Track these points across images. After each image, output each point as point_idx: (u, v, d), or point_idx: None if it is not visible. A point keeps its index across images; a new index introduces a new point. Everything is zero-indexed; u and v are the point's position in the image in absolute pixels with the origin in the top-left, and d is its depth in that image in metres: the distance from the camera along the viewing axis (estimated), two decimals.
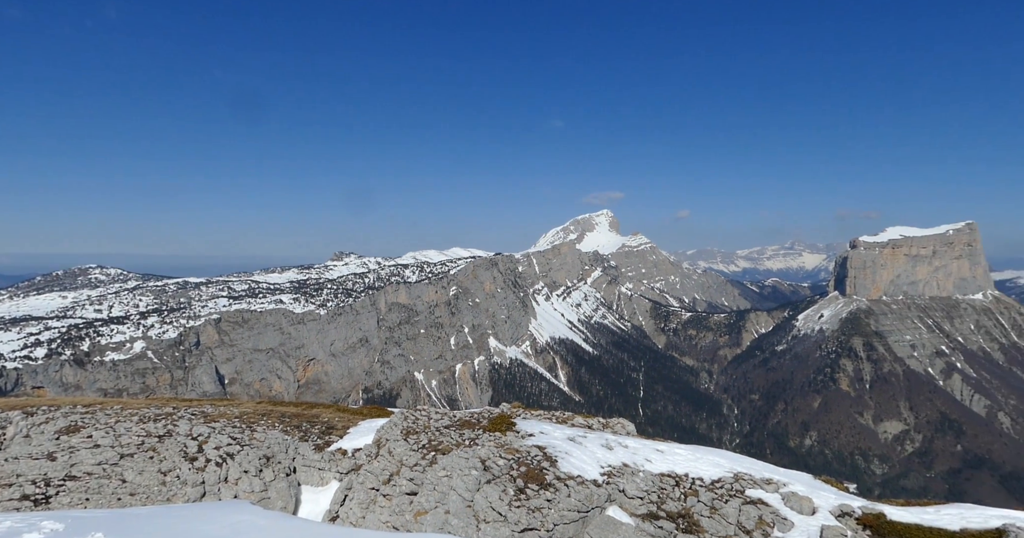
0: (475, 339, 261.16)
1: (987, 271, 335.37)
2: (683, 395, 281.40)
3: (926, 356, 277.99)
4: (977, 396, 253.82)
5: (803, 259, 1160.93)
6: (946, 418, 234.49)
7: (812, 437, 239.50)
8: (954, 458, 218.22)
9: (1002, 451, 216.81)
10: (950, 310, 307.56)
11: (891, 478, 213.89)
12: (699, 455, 19.34)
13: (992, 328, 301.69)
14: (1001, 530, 13.57)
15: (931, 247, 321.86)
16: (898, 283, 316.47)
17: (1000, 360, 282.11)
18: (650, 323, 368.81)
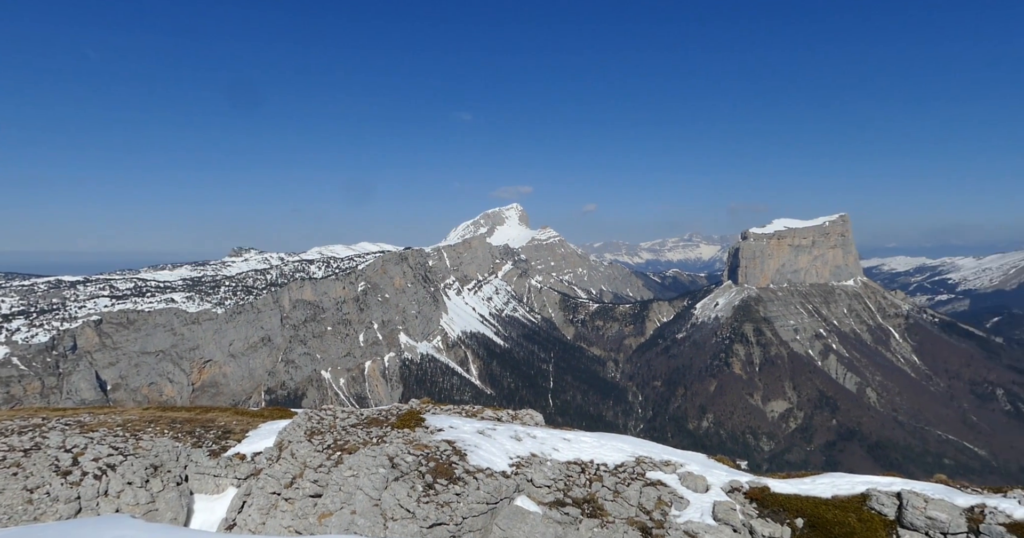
0: (385, 335, 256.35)
1: (857, 259, 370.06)
2: (591, 384, 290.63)
3: (807, 339, 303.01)
4: (849, 374, 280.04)
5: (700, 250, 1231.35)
6: (824, 396, 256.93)
7: (709, 419, 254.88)
8: (830, 432, 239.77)
9: (870, 423, 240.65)
10: (827, 296, 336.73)
11: (777, 453, 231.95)
12: (604, 442, 19.97)
13: (861, 311, 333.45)
14: (865, 494, 15.10)
15: (811, 238, 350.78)
16: (783, 271, 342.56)
17: (868, 340, 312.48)
18: (559, 315, 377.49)
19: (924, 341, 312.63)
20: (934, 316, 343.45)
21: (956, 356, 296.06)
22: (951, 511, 13.75)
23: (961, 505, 14.38)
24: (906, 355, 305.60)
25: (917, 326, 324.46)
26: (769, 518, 15.31)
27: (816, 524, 14.57)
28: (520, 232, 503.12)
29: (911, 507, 14.03)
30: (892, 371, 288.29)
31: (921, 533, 13.80)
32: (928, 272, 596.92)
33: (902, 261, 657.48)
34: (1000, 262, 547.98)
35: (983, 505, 14.30)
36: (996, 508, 14.10)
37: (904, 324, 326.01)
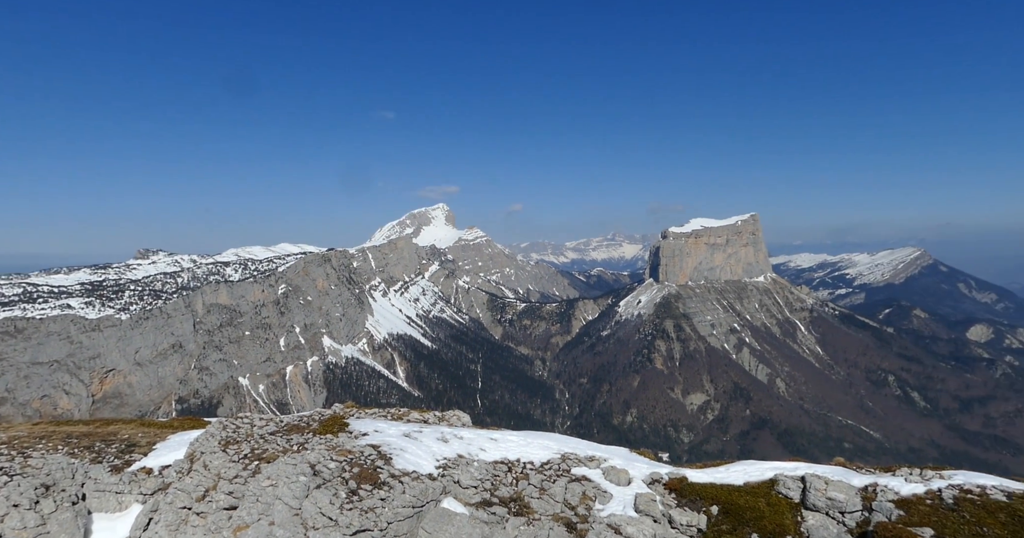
0: (307, 339, 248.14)
1: (767, 256, 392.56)
2: (519, 383, 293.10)
3: (723, 333, 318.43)
4: (761, 366, 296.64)
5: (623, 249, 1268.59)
6: (738, 387, 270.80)
7: (633, 414, 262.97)
8: (744, 421, 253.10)
9: (779, 412, 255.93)
10: (740, 292, 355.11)
11: (696, 444, 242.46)
12: (530, 440, 20.16)
13: (771, 306, 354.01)
14: (773, 480, 16.07)
15: (725, 236, 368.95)
16: (700, 269, 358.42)
17: (777, 333, 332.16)
18: (487, 315, 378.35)
19: (826, 333, 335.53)
20: (834, 309, 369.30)
21: (854, 346, 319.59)
22: (848, 491, 14.81)
23: (857, 485, 15.53)
24: (811, 346, 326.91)
25: (820, 319, 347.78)
26: (687, 507, 15.96)
27: (730, 510, 15.32)
28: (447, 232, 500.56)
29: (813, 489, 15.00)
30: (799, 362, 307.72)
31: (822, 513, 14.78)
32: (829, 268, 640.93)
33: (806, 258, 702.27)
34: (890, 258, 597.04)
35: (875, 484, 15.51)
36: (886, 486, 15.33)
37: (809, 317, 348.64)
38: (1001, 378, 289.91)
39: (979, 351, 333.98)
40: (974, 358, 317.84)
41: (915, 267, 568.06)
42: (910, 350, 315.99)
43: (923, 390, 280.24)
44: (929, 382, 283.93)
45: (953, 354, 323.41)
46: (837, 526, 14.50)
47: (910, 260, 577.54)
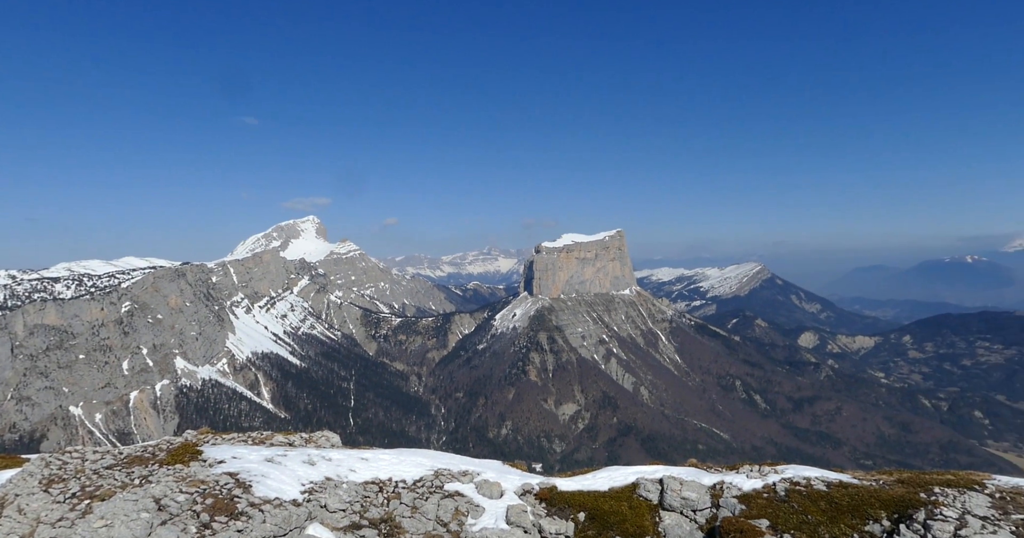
0: (157, 361, 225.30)
1: (632, 270, 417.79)
2: (394, 400, 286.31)
3: (592, 344, 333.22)
4: (627, 375, 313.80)
5: (499, 263, 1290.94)
6: (607, 396, 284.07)
7: (508, 426, 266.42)
8: (612, 429, 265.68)
9: (643, 419, 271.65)
10: (608, 304, 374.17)
11: (568, 453, 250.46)
12: (403, 458, 19.76)
13: (636, 317, 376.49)
14: (635, 483, 17.08)
15: (594, 251, 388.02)
16: (572, 282, 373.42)
17: (641, 343, 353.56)
18: (361, 331, 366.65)
19: (684, 342, 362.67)
20: (691, 320, 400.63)
21: (706, 354, 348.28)
22: (699, 490, 16.08)
23: (707, 484, 16.91)
24: (670, 355, 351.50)
25: (679, 329, 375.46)
26: (556, 516, 16.44)
27: (595, 516, 16.01)
28: (318, 246, 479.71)
29: (670, 490, 16.10)
30: (660, 370, 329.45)
31: (677, 512, 15.89)
32: (686, 281, 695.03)
33: (666, 272, 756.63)
34: (736, 272, 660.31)
35: (722, 482, 16.99)
36: (731, 483, 16.84)
37: (669, 328, 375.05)
38: (825, 380, 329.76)
39: (808, 356, 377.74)
40: (804, 362, 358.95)
41: (756, 281, 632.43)
42: (753, 356, 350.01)
43: (764, 393, 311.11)
44: (769, 385, 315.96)
45: (787, 359, 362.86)
46: (690, 523, 15.67)
47: (752, 274, 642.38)
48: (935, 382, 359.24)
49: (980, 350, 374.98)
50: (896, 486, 15.78)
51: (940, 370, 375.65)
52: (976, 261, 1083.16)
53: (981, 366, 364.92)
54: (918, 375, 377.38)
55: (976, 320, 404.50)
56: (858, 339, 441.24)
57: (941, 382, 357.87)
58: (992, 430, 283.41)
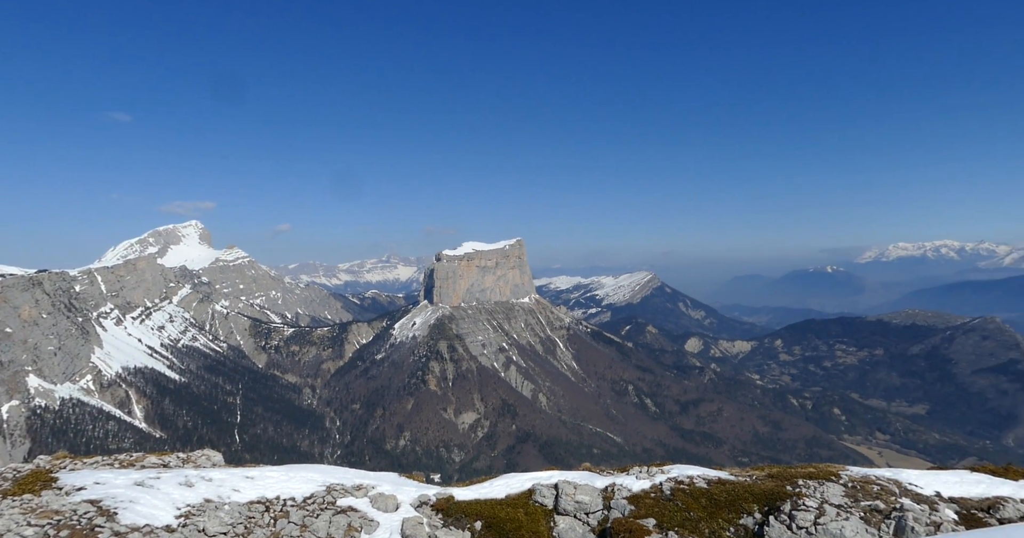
0: (5, 380, 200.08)
1: (531, 279, 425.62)
2: (285, 414, 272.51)
3: (492, 352, 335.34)
4: (526, 382, 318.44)
5: (399, 271, 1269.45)
6: (506, 404, 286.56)
7: (406, 437, 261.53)
8: (511, 436, 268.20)
9: (541, 425, 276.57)
10: (508, 312, 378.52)
11: (467, 463, 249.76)
12: (293, 474, 18.85)
13: (535, 325, 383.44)
14: (531, 489, 17.35)
15: (495, 259, 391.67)
16: (472, 291, 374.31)
17: (540, 351, 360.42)
18: (249, 342, 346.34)
19: (581, 349, 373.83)
20: (587, 327, 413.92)
21: (602, 360, 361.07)
22: (592, 493, 16.60)
23: (599, 487, 17.49)
24: (568, 362, 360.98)
25: (576, 336, 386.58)
26: (452, 526, 16.32)
27: (492, 524, 16.06)
28: (201, 252, 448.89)
29: (564, 495, 16.50)
30: (558, 377, 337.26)
31: (571, 516, 16.31)
32: (583, 289, 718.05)
33: (564, 280, 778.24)
34: (630, 280, 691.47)
35: (614, 484, 17.65)
36: (622, 485, 17.53)
37: (566, 335, 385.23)
38: (708, 383, 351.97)
39: (693, 360, 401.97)
40: (690, 366, 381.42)
41: (648, 289, 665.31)
42: (645, 362, 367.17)
43: (654, 396, 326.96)
44: (659, 389, 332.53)
45: (675, 364, 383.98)
46: (582, 526, 16.12)
47: (644, 283, 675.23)
48: (802, 383, 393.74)
49: (838, 352, 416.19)
50: (767, 480, 17.12)
51: (806, 371, 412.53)
52: (835, 271, 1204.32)
53: (839, 367, 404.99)
54: (788, 376, 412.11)
55: (835, 325, 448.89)
56: (737, 344, 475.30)
57: (807, 382, 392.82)
58: (848, 425, 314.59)
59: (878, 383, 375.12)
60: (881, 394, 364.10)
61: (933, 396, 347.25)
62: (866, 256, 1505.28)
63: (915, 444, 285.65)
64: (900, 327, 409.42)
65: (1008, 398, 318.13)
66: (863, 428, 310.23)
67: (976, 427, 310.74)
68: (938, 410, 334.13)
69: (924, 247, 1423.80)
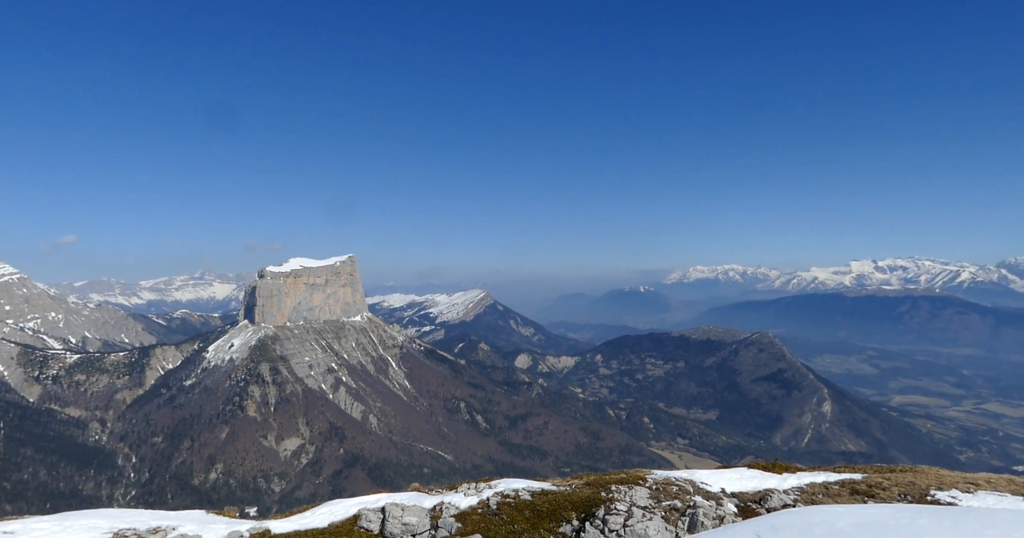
0: None
1: (363, 296, 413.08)
2: (63, 454, 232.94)
3: (320, 374, 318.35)
4: (356, 403, 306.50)
5: (214, 289, 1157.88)
6: (334, 427, 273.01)
7: (218, 470, 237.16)
8: (338, 461, 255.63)
9: (371, 447, 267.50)
10: (338, 331, 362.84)
11: (289, 492, 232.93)
12: (70, 523, 16.19)
13: (367, 344, 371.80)
14: (357, 515, 16.70)
15: (324, 277, 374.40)
16: (299, 309, 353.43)
17: (372, 370, 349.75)
18: (18, 372, 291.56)
19: (413, 367, 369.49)
20: (420, 345, 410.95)
21: (435, 378, 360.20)
22: (420, 514, 16.44)
23: (427, 506, 17.39)
24: (400, 381, 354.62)
25: (409, 355, 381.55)
26: None
27: None
28: None
29: (391, 518, 16.13)
30: (390, 397, 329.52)
31: None
32: (417, 307, 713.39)
33: (398, 298, 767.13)
34: (463, 299, 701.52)
35: (442, 502, 17.66)
36: (450, 503, 17.60)
37: (399, 354, 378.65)
38: (536, 397, 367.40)
39: (522, 376, 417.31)
40: (519, 382, 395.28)
41: (481, 307, 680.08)
42: (476, 379, 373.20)
43: (485, 413, 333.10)
44: (489, 405, 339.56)
45: (506, 380, 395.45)
46: None
47: (477, 300, 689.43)
48: (618, 394, 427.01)
49: (648, 365, 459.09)
50: (584, 488, 18.30)
51: (621, 384, 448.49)
52: (647, 291, 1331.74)
53: (649, 379, 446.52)
54: (606, 389, 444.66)
55: (646, 340, 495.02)
56: (562, 359, 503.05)
57: (622, 394, 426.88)
58: (655, 432, 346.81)
59: (680, 393, 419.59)
60: (682, 403, 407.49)
61: (722, 403, 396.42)
62: (672, 277, 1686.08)
63: (708, 446, 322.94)
64: (698, 342, 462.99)
65: (777, 403, 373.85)
66: (667, 434, 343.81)
67: (754, 429, 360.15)
68: (726, 415, 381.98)
69: (716, 270, 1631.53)
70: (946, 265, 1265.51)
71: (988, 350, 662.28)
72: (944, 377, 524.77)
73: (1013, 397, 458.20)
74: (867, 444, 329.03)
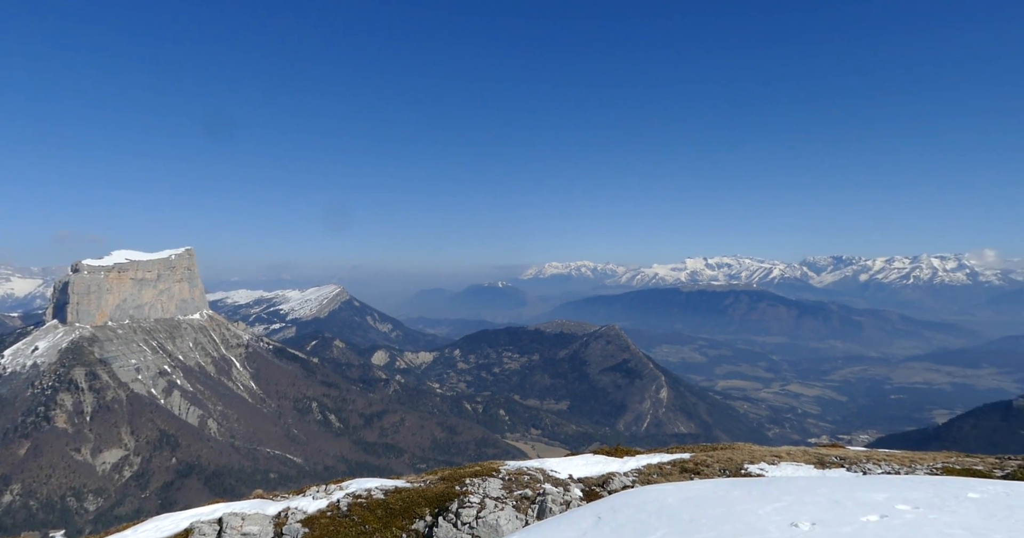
0: None
1: (203, 292, 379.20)
2: None
3: (150, 377, 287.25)
4: (193, 408, 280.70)
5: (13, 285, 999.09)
6: (165, 435, 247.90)
7: (14, 491, 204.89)
8: (169, 472, 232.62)
9: (209, 454, 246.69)
10: (173, 331, 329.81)
11: (106, 510, 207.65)
12: None
13: (207, 344, 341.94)
14: (189, 529, 15.31)
15: (156, 271, 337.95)
16: (124, 307, 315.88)
17: (212, 372, 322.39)
18: None
19: (260, 367, 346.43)
20: (269, 344, 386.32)
21: (284, 378, 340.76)
22: (262, 522, 15.46)
23: (271, 513, 16.39)
24: (245, 382, 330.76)
25: (256, 354, 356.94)
26: None
27: None
28: None
29: (230, 529, 14.99)
30: (233, 399, 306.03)
31: None
32: (265, 304, 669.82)
33: (244, 294, 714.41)
34: (317, 294, 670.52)
35: (288, 508, 16.74)
36: (297, 508, 16.74)
37: (244, 353, 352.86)
38: (393, 394, 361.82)
39: (379, 373, 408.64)
40: (376, 379, 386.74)
41: (336, 303, 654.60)
42: (330, 377, 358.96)
43: (339, 412, 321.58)
44: (343, 404, 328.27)
45: (362, 377, 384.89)
46: None
47: (332, 296, 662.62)
48: (475, 388, 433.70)
49: (505, 359, 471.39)
50: (439, 483, 18.35)
51: (479, 378, 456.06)
52: (505, 286, 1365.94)
53: (506, 372, 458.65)
54: (464, 383, 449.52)
55: (503, 334, 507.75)
56: (421, 355, 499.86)
57: (480, 388, 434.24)
58: (510, 424, 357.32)
59: (535, 385, 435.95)
60: (537, 394, 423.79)
61: (573, 393, 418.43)
62: (528, 273, 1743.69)
63: (559, 435, 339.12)
64: (552, 335, 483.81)
65: (621, 391, 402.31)
66: (521, 426, 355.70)
67: (601, 417, 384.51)
68: (576, 405, 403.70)
69: (570, 266, 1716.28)
70: (762, 263, 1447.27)
71: (792, 338, 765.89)
72: (758, 363, 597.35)
73: (809, 378, 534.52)
74: (696, 426, 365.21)
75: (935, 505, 11.71)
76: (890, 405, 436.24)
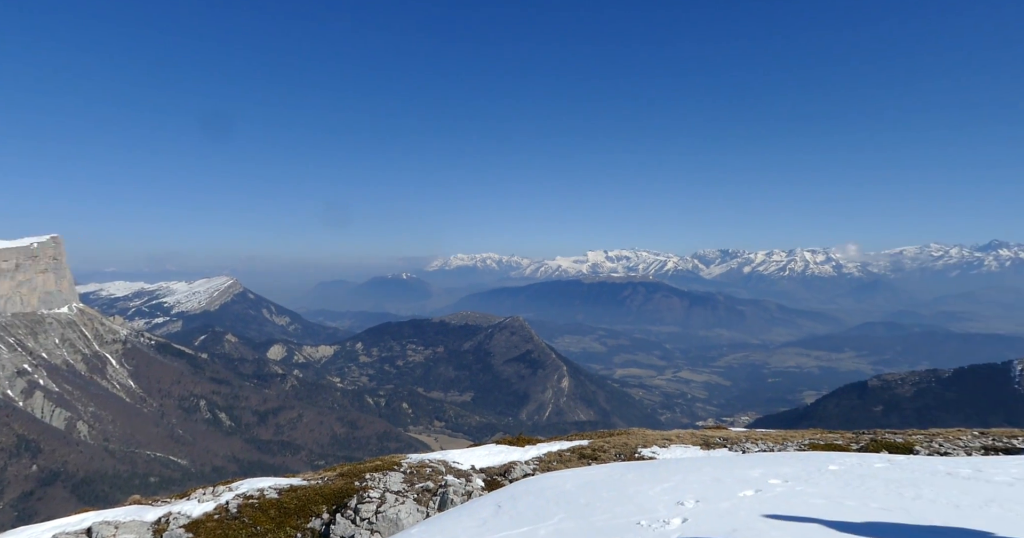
0: None
1: (73, 284, 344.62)
2: None
3: (7, 378, 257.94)
4: (59, 410, 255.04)
5: None
6: (24, 440, 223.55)
7: None
8: (29, 480, 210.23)
9: (78, 460, 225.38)
10: (35, 326, 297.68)
11: None
12: None
13: (76, 340, 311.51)
14: None
15: (14, 260, 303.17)
16: None
17: (83, 370, 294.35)
18: None
19: (140, 364, 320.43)
20: (151, 339, 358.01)
21: (169, 375, 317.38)
22: (140, 529, 14.33)
23: (150, 520, 15.21)
24: (123, 381, 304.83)
25: (135, 350, 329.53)
26: None
27: None
28: None
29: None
30: (108, 399, 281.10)
31: None
32: (147, 296, 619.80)
33: (122, 286, 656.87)
34: (207, 286, 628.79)
35: (169, 513, 15.60)
36: (180, 512, 15.65)
37: (122, 350, 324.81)
38: (290, 390, 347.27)
39: (276, 368, 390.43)
40: (272, 374, 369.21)
41: (228, 295, 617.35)
42: (221, 373, 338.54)
43: (230, 410, 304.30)
44: (235, 401, 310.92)
45: (256, 373, 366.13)
46: None
47: (224, 288, 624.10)
48: (378, 382, 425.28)
49: (409, 351, 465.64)
50: (337, 480, 17.81)
51: (382, 371, 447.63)
52: (409, 278, 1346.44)
53: (410, 365, 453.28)
54: (366, 377, 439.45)
55: (408, 327, 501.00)
56: (321, 348, 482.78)
57: (383, 381, 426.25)
58: (413, 417, 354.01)
59: (439, 377, 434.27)
60: (441, 386, 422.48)
61: (477, 385, 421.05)
62: (434, 265, 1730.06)
63: (463, 427, 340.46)
64: (457, 327, 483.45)
65: (524, 381, 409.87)
66: (425, 418, 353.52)
67: (504, 407, 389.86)
68: (480, 396, 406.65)
69: (475, 258, 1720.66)
70: (657, 256, 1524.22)
71: (684, 327, 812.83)
72: (653, 351, 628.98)
73: (698, 365, 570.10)
74: (595, 413, 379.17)
75: (801, 478, 13.04)
76: (768, 388, 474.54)
